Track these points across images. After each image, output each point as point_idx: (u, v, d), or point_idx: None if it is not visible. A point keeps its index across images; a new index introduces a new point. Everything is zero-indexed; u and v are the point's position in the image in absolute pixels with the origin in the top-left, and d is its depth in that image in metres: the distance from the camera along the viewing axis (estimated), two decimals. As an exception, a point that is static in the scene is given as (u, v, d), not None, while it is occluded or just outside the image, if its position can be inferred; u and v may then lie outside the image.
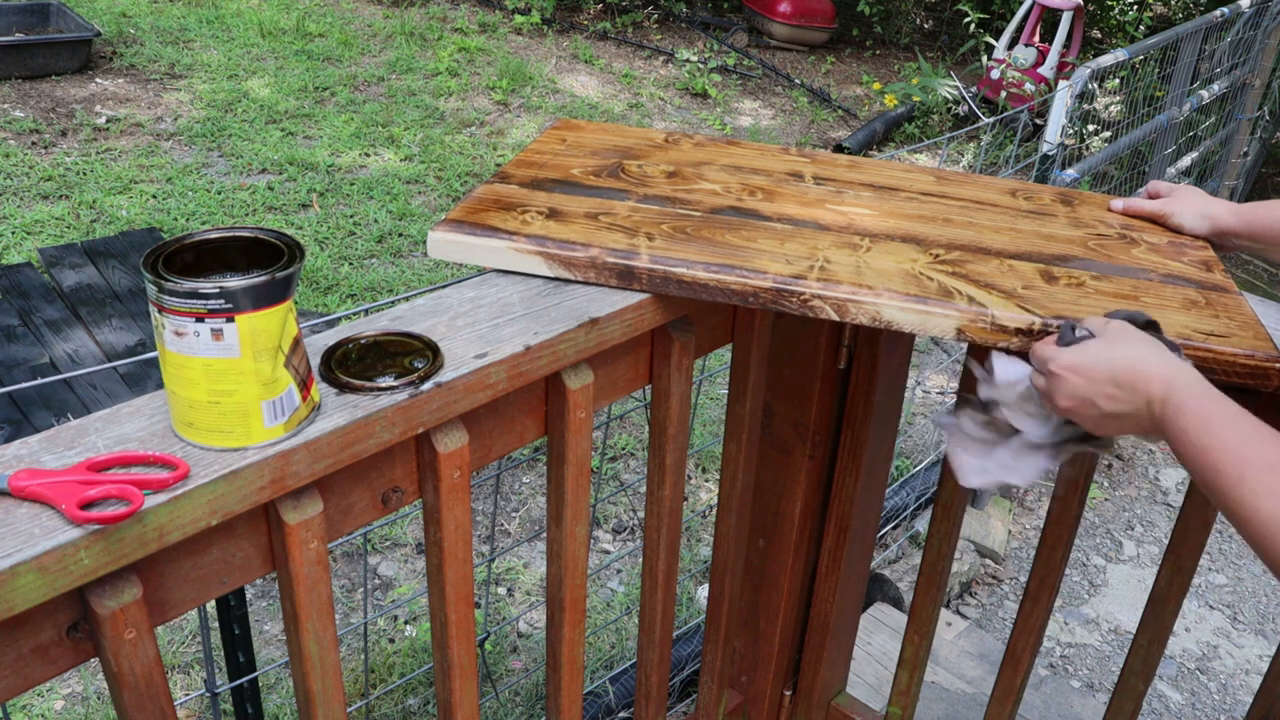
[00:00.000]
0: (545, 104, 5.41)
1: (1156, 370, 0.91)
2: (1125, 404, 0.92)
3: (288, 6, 6.22)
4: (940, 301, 1.07)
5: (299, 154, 4.44)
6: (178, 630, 2.25)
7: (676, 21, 7.10)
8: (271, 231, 0.84)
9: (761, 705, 1.74)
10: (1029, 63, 5.88)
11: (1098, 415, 0.95)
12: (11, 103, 4.57)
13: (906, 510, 2.76)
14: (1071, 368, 0.96)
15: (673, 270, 1.10)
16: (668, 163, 1.37)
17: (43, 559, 0.70)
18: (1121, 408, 0.92)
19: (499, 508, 2.71)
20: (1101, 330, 0.98)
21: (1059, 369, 0.97)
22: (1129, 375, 0.92)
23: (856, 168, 1.41)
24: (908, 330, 1.08)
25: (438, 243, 1.14)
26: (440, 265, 3.75)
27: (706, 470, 2.96)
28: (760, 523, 1.57)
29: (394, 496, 0.99)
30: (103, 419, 0.83)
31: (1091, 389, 0.94)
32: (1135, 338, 0.96)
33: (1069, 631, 2.63)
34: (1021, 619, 1.45)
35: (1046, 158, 2.85)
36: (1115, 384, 0.92)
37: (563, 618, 1.23)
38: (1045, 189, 1.41)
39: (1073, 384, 0.95)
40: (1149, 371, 0.91)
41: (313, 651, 0.94)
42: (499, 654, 2.30)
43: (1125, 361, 0.93)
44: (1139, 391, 0.91)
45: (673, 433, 1.25)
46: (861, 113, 6.06)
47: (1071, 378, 0.95)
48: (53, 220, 3.73)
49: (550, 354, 1.02)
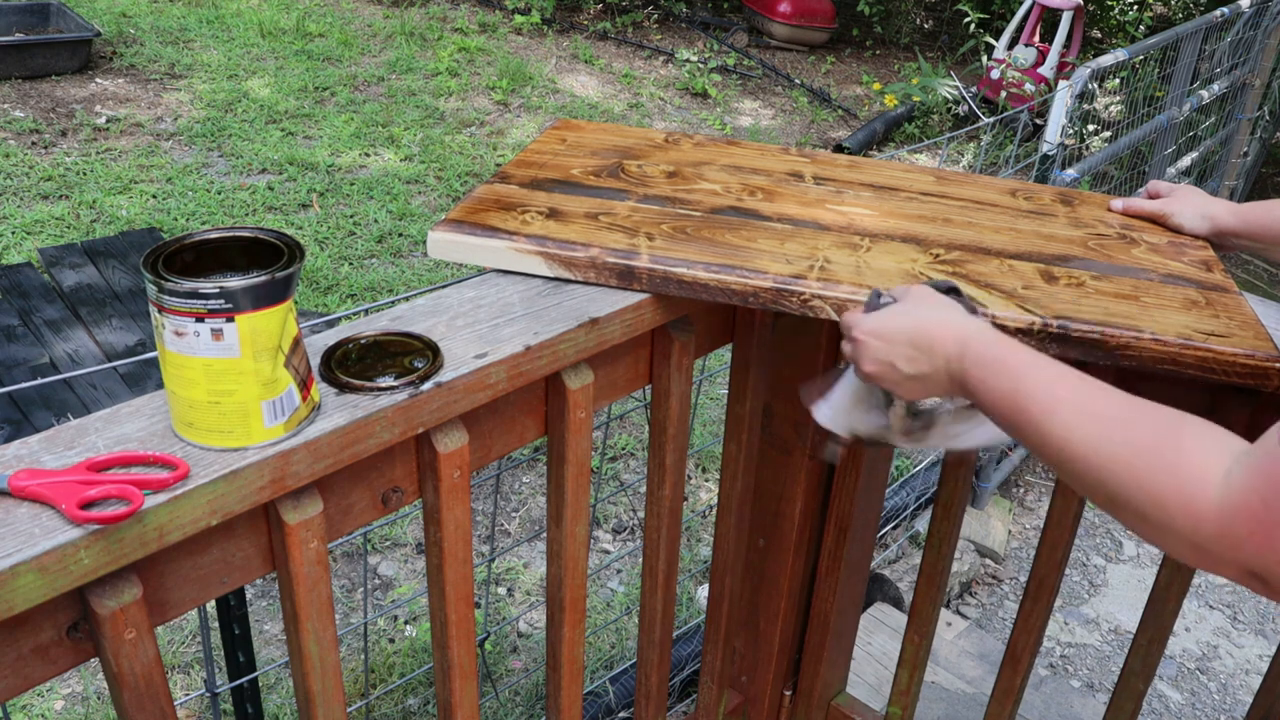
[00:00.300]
0: (545, 104, 5.41)
1: (950, 329, 0.92)
2: (924, 364, 0.94)
3: (288, 6, 6.22)
4: (940, 301, 1.07)
5: (299, 154, 4.44)
6: (178, 630, 2.25)
7: (676, 21, 7.10)
8: (271, 231, 0.84)
9: (761, 705, 1.74)
10: (1029, 63, 5.88)
11: (900, 378, 0.96)
12: (11, 103, 4.57)
13: (906, 510, 2.76)
14: (871, 332, 0.98)
15: (673, 270, 1.10)
16: (668, 163, 1.37)
17: (43, 559, 0.70)
18: (921, 369, 0.94)
19: (499, 508, 2.71)
20: (903, 295, 1.00)
21: (860, 334, 0.99)
22: (925, 336, 0.93)
23: (856, 168, 1.41)
24: (908, 330, 1.08)
25: (438, 243, 1.14)
26: (440, 265, 3.75)
27: (706, 470, 2.96)
28: (760, 523, 1.57)
29: (394, 496, 0.99)
30: (103, 419, 0.83)
31: (891, 351, 0.96)
32: (933, 300, 0.98)
33: (1069, 631, 2.63)
34: (1021, 619, 1.45)
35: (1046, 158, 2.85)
36: (913, 345, 0.94)
37: (563, 618, 1.23)
38: (1045, 189, 1.41)
39: (873, 348, 0.97)
40: (944, 331, 0.92)
41: (313, 651, 0.94)
42: (499, 654, 2.30)
43: (920, 322, 0.95)
44: (936, 351, 0.92)
45: (673, 433, 1.25)
46: (861, 113, 6.06)
47: (872, 341, 0.97)
48: (53, 220, 3.73)
49: (550, 354, 1.02)
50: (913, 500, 2.77)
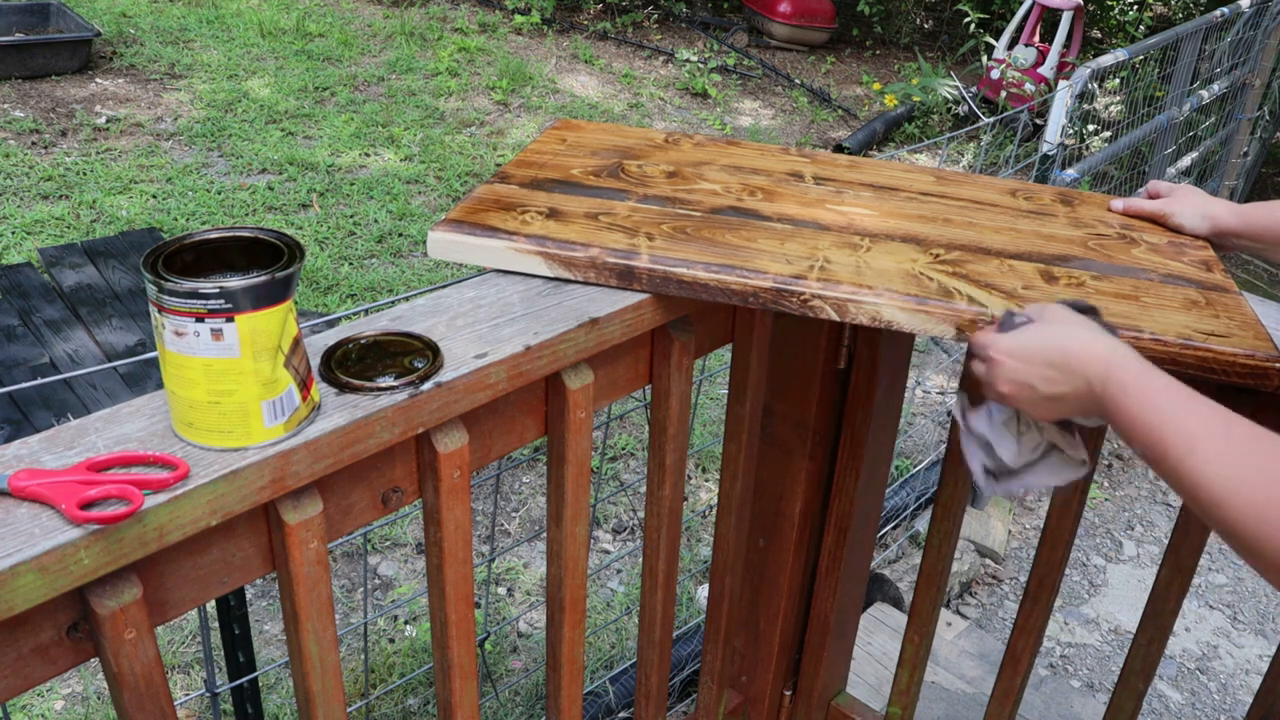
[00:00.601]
0: (545, 104, 5.41)
1: (1094, 350, 0.91)
2: (1064, 385, 0.92)
3: (288, 6, 6.22)
4: (940, 301, 1.07)
5: (299, 154, 4.44)
6: (178, 630, 2.25)
7: (676, 21, 7.10)
8: (271, 231, 0.84)
9: (761, 705, 1.74)
10: (1029, 63, 5.88)
11: (1037, 398, 0.95)
12: (11, 103, 4.57)
13: (906, 510, 2.76)
14: (1009, 351, 0.96)
15: (673, 270, 1.10)
16: (668, 163, 1.37)
17: (43, 559, 0.70)
18: (1060, 389, 0.93)
19: (499, 508, 2.71)
20: (1039, 315, 0.98)
21: (997, 354, 0.97)
22: (1065, 356, 0.92)
23: (856, 168, 1.41)
24: (908, 330, 1.08)
25: (438, 243, 1.14)
26: (440, 265, 3.75)
27: (706, 470, 2.96)
28: (760, 523, 1.57)
29: (394, 496, 0.99)
30: (103, 419, 0.83)
31: (1030, 372, 0.94)
32: (1071, 320, 0.96)
33: (1069, 631, 2.63)
34: (1021, 619, 1.45)
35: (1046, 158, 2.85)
36: (1052, 365, 0.93)
37: (563, 618, 1.23)
38: (1045, 189, 1.41)
39: (1010, 368, 0.96)
40: (1087, 351, 0.91)
41: (313, 651, 0.94)
42: (499, 654, 2.30)
43: (1061, 342, 0.93)
44: (1077, 372, 0.91)
45: (673, 433, 1.25)
46: (861, 113, 6.06)
47: (1009, 361, 0.96)
48: (53, 220, 3.73)
49: (550, 354, 1.02)
50: (913, 500, 2.77)
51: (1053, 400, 0.94)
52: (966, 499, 1.45)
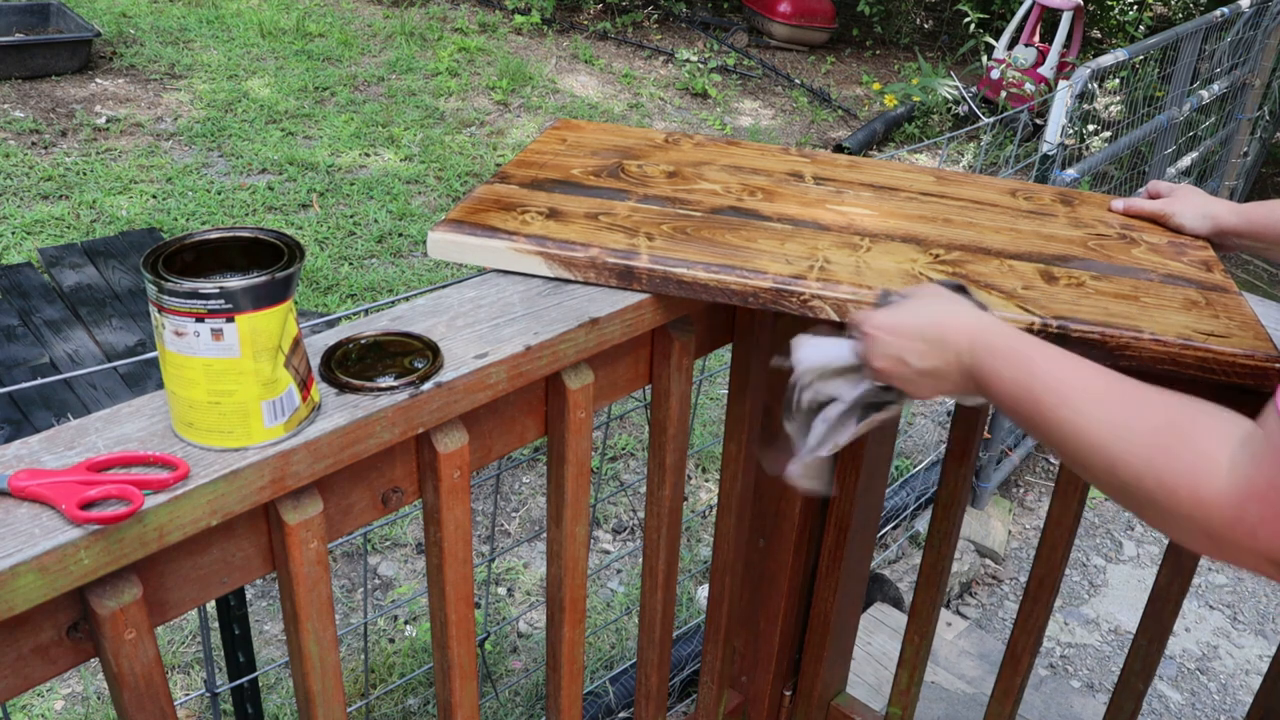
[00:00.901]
0: (545, 104, 5.41)
1: (961, 322, 0.93)
2: (936, 359, 0.94)
3: (288, 6, 6.22)
4: (940, 301, 1.07)
5: (299, 154, 4.44)
6: (178, 630, 2.25)
7: (676, 21, 7.10)
8: (271, 231, 0.84)
9: (761, 705, 1.74)
10: (1029, 63, 5.88)
11: (911, 373, 0.96)
12: (11, 103, 4.57)
13: (906, 510, 2.76)
14: (883, 327, 0.98)
15: (673, 270, 1.10)
16: (668, 163, 1.37)
17: (43, 559, 0.70)
18: (933, 363, 0.94)
19: (499, 508, 2.71)
20: (913, 293, 1.00)
21: (871, 329, 0.99)
22: (936, 330, 0.94)
23: (856, 168, 1.41)
24: (908, 330, 1.08)
25: (438, 243, 1.14)
26: (440, 265, 3.75)
27: (706, 470, 2.96)
28: (760, 523, 1.57)
29: (394, 496, 0.99)
30: (103, 419, 0.83)
31: (903, 345, 0.96)
32: (941, 294, 0.98)
33: (1069, 631, 2.63)
34: (1021, 619, 1.45)
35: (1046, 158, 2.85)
36: (924, 339, 0.94)
37: (563, 618, 1.23)
38: (1045, 189, 1.41)
39: (884, 342, 0.97)
40: (955, 322, 0.93)
41: (313, 651, 0.94)
42: (499, 654, 2.30)
43: (931, 316, 0.95)
44: (948, 344, 0.93)
45: (673, 433, 1.25)
46: (861, 113, 6.06)
47: (883, 336, 0.97)
48: (53, 220, 3.73)
49: (550, 354, 1.02)
50: (913, 500, 2.77)
51: (926, 375, 0.95)
52: (966, 499, 1.45)
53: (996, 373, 0.87)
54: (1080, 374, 0.81)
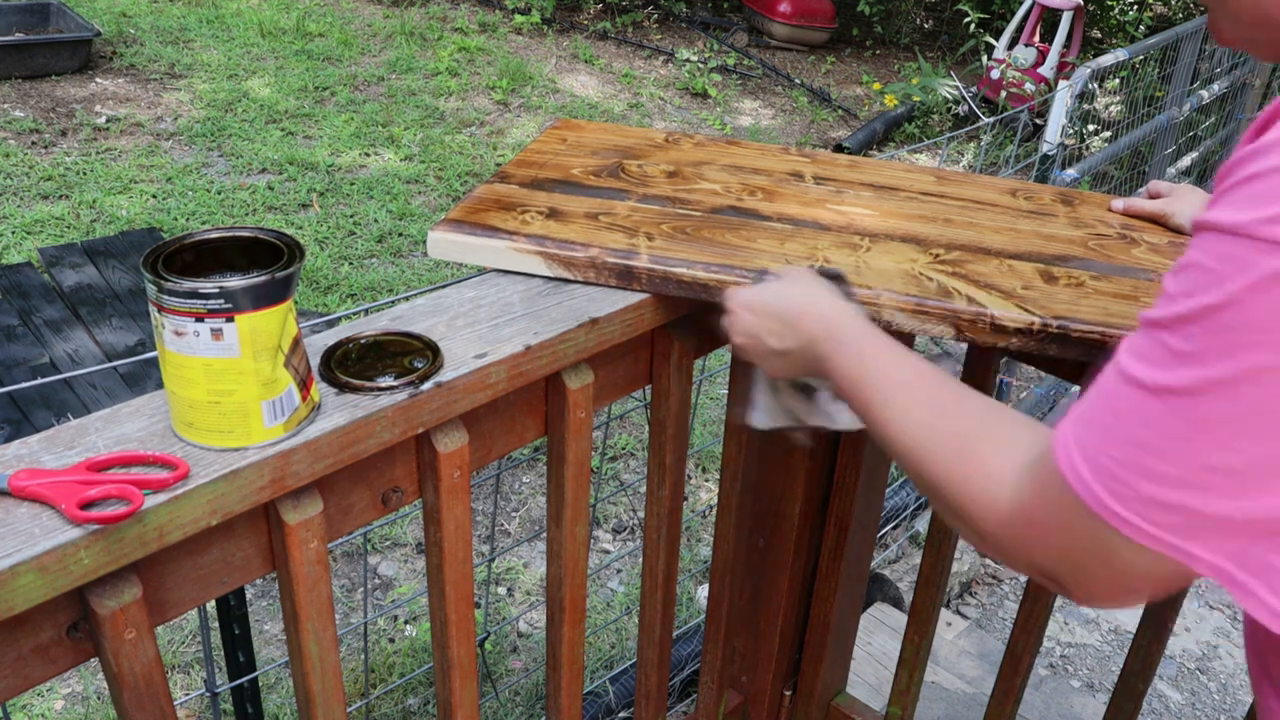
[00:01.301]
0: (545, 104, 5.41)
1: (820, 308, 0.93)
2: (790, 340, 0.95)
3: (288, 6, 6.22)
4: (939, 301, 1.07)
5: (299, 154, 4.44)
6: (178, 630, 2.25)
7: (676, 21, 7.10)
8: (271, 231, 0.84)
9: (761, 705, 1.74)
10: (1029, 63, 5.88)
11: (766, 351, 0.97)
12: (11, 103, 4.57)
13: (906, 510, 2.76)
14: (744, 304, 0.99)
15: (672, 270, 1.10)
16: (668, 162, 1.37)
17: (43, 559, 0.70)
18: (787, 344, 0.95)
19: (499, 508, 2.71)
20: (782, 275, 1.01)
21: (733, 305, 1.00)
22: (793, 312, 0.94)
23: (857, 168, 1.41)
24: (907, 330, 1.08)
25: (438, 242, 1.14)
26: (440, 265, 3.75)
27: (706, 470, 2.96)
28: (760, 523, 1.57)
29: (394, 496, 0.99)
30: (103, 419, 0.83)
31: (759, 324, 0.97)
32: (807, 280, 0.99)
33: (1069, 631, 2.63)
34: (1021, 619, 1.45)
35: (1046, 158, 2.85)
36: (781, 320, 0.95)
37: (563, 618, 1.23)
38: (1045, 189, 1.41)
39: (744, 320, 0.99)
40: (813, 309, 0.93)
41: (313, 651, 0.94)
42: (499, 654, 2.30)
43: (791, 299, 0.96)
44: (802, 329, 0.93)
45: (673, 433, 1.25)
46: (861, 113, 6.06)
47: (743, 314, 0.99)
48: (53, 220, 3.73)
49: (550, 354, 1.02)
50: (913, 500, 2.77)
51: (779, 355, 0.96)
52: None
53: (836, 365, 0.89)
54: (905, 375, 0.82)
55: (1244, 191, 0.57)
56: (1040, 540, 0.65)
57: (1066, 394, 3.25)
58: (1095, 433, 0.62)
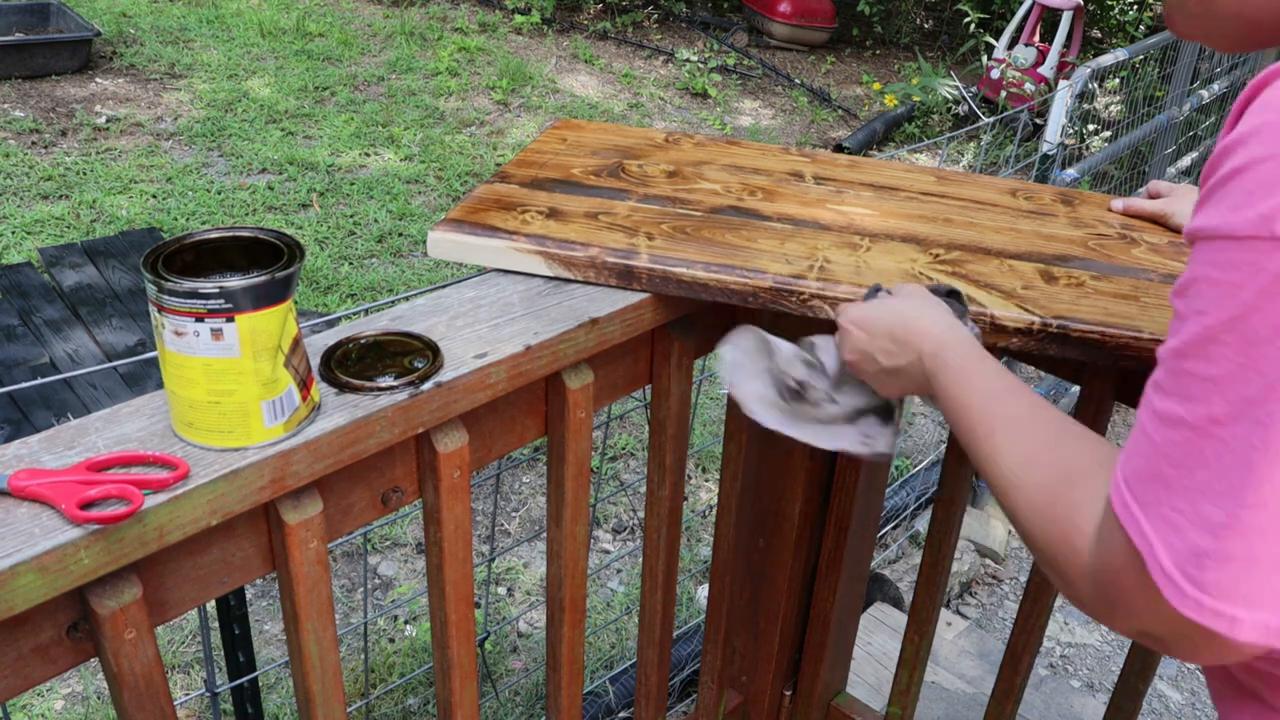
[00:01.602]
0: (545, 104, 5.41)
1: (930, 328, 0.92)
2: (900, 359, 0.94)
3: (288, 6, 6.22)
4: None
5: (299, 154, 4.44)
6: (178, 630, 2.25)
7: (676, 21, 7.10)
8: (271, 231, 0.84)
9: (761, 705, 1.74)
10: (1029, 62, 5.88)
11: (876, 370, 0.96)
12: (11, 103, 4.57)
13: (906, 510, 2.76)
14: (856, 321, 0.98)
15: (672, 270, 1.10)
16: (668, 162, 1.37)
17: (43, 559, 0.70)
18: (897, 362, 0.94)
19: (499, 508, 2.71)
20: (898, 293, 1.00)
21: (845, 322, 0.99)
22: (904, 331, 0.93)
23: (857, 167, 1.41)
24: (908, 330, 1.08)
25: (438, 242, 1.14)
26: (440, 265, 3.75)
27: (706, 470, 2.96)
28: (760, 523, 1.57)
29: (394, 496, 0.99)
30: (103, 419, 0.83)
31: (871, 343, 0.96)
32: (920, 297, 0.97)
33: (1069, 631, 2.63)
34: (1021, 619, 1.45)
35: (1046, 157, 2.85)
36: (892, 338, 0.94)
37: (563, 618, 1.23)
38: (1046, 189, 1.41)
39: (855, 337, 0.98)
40: (923, 329, 0.92)
41: (313, 651, 0.94)
42: (499, 654, 2.30)
43: (902, 317, 0.95)
44: (911, 347, 0.92)
45: (673, 433, 1.25)
46: (861, 113, 6.06)
47: (855, 331, 0.98)
48: (53, 220, 3.73)
49: (550, 354, 1.02)
50: (913, 500, 2.77)
51: (890, 373, 0.95)
52: (966, 499, 1.45)
53: (944, 387, 0.87)
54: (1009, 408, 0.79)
55: (1231, 188, 0.55)
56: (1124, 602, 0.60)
57: (1066, 394, 3.25)
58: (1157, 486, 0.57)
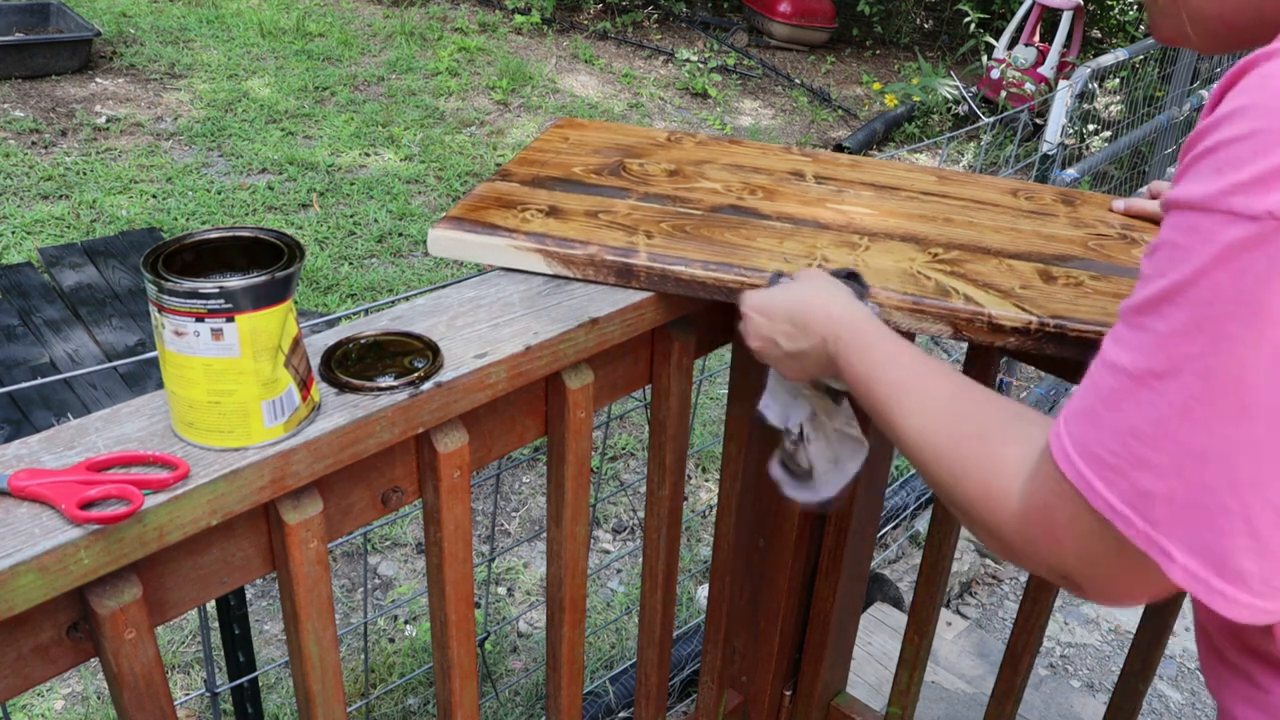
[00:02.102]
0: (545, 104, 5.41)
1: (831, 309, 0.93)
2: (803, 341, 0.94)
3: (288, 6, 6.22)
4: (937, 300, 1.07)
5: (299, 154, 4.44)
6: (178, 630, 2.25)
7: (676, 21, 7.10)
8: (271, 231, 0.84)
9: (761, 705, 1.74)
10: (1029, 62, 5.88)
11: (780, 355, 0.97)
12: (11, 103, 4.57)
13: (906, 510, 2.76)
14: (756, 307, 0.99)
15: (670, 268, 1.10)
16: (669, 161, 1.37)
17: (43, 559, 0.70)
18: (800, 345, 0.95)
19: (499, 508, 2.71)
20: (797, 277, 1.01)
21: (746, 309, 1.00)
22: (804, 313, 0.94)
23: (858, 167, 1.41)
24: (904, 329, 1.08)
25: (438, 240, 1.14)
26: (440, 265, 3.75)
27: (706, 470, 2.96)
28: (760, 523, 1.57)
29: (394, 496, 0.99)
30: (103, 419, 0.83)
31: (772, 327, 0.97)
32: (818, 280, 0.98)
33: (1069, 631, 2.63)
34: (1021, 619, 1.45)
35: (1046, 157, 2.85)
36: (791, 322, 0.95)
37: (563, 618, 1.23)
38: (1046, 189, 1.41)
39: (756, 323, 0.98)
40: (823, 310, 0.93)
41: (313, 651, 0.94)
42: (499, 654, 2.30)
43: (801, 300, 0.95)
44: (812, 329, 0.93)
45: (673, 433, 1.25)
46: (861, 113, 6.06)
47: (756, 317, 0.99)
48: (53, 220, 3.73)
49: (550, 354, 1.02)
50: (913, 500, 2.77)
51: (794, 357, 0.96)
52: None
53: (849, 364, 0.88)
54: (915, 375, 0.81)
55: (1204, 164, 0.57)
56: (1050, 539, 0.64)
57: (1066, 393, 3.25)
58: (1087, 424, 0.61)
